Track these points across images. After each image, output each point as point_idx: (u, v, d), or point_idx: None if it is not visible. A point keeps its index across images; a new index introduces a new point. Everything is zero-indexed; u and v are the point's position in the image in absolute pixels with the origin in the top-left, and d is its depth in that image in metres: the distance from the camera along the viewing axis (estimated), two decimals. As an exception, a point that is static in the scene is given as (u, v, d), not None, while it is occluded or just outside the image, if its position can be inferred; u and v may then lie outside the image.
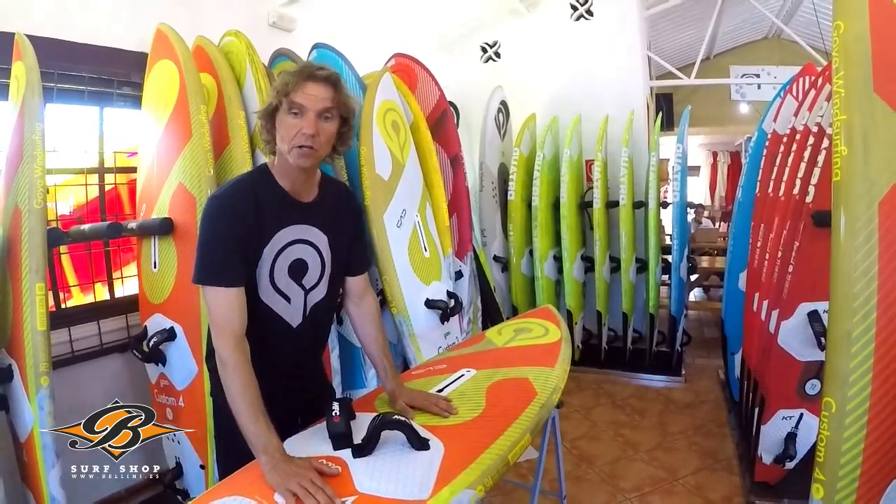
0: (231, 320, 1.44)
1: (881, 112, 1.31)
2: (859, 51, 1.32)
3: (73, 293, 3.26)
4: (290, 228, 1.58)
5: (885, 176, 1.29)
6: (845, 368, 1.23)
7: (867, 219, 1.25)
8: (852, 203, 1.27)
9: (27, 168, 2.01)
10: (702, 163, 14.15)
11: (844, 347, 1.23)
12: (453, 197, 3.80)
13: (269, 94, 1.53)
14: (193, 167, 2.41)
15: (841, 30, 1.34)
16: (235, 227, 1.47)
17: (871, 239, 1.25)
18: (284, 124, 1.48)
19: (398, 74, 3.67)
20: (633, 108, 5.07)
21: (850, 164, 1.28)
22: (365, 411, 1.62)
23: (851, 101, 1.30)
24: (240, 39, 2.74)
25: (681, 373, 4.70)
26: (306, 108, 1.46)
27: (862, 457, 1.22)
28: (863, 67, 1.31)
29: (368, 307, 1.83)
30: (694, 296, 7.37)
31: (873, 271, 1.24)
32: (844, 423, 1.22)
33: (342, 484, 1.28)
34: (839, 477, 1.22)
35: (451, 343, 3.14)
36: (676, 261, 4.70)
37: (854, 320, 1.23)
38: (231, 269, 1.46)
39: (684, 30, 7.63)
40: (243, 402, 1.38)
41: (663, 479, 3.13)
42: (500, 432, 1.53)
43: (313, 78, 1.47)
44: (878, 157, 1.29)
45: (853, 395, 1.22)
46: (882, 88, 1.32)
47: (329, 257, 1.67)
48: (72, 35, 2.75)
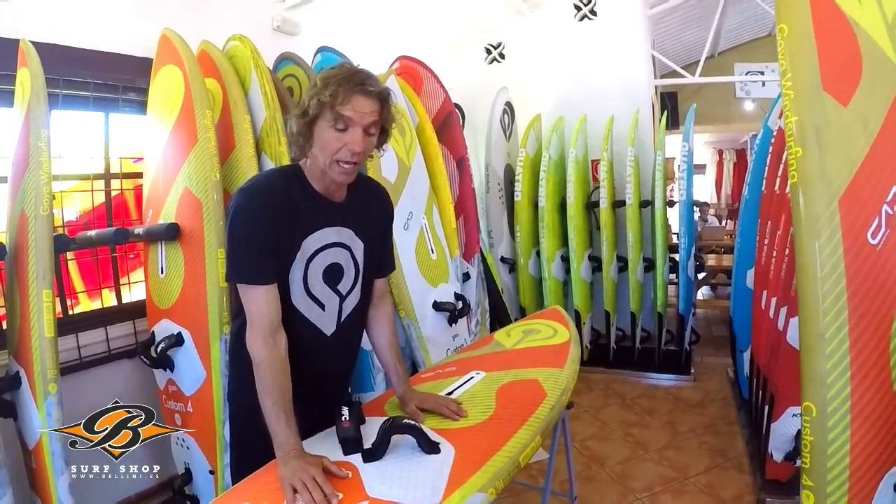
0: (264, 316, 1.43)
1: (833, 109, 1.30)
2: (805, 51, 1.32)
3: (81, 299, 3.26)
4: (323, 231, 1.53)
5: (842, 173, 1.28)
6: (822, 370, 1.21)
7: (828, 217, 1.24)
8: (812, 203, 1.25)
9: (33, 174, 2.02)
10: (708, 161, 14.12)
11: (819, 349, 1.21)
12: (460, 199, 3.80)
13: (307, 94, 1.41)
14: (199, 172, 2.41)
15: (785, 32, 1.33)
16: (270, 224, 1.43)
17: (835, 237, 1.24)
18: (327, 136, 1.40)
19: (403, 77, 3.67)
20: (638, 108, 5.06)
21: (806, 165, 1.27)
22: (375, 415, 1.62)
23: (801, 101, 1.29)
24: (244, 44, 2.74)
25: (690, 371, 4.68)
26: (354, 122, 1.39)
27: (849, 458, 1.20)
28: (810, 67, 1.31)
29: (385, 309, 1.79)
30: (702, 294, 7.33)
31: (840, 269, 1.23)
32: (827, 425, 1.20)
33: (353, 489, 1.28)
34: (828, 481, 1.20)
35: (460, 345, 3.14)
36: (684, 259, 4.67)
37: (825, 321, 1.21)
38: (265, 267, 1.43)
39: (688, 28, 7.61)
40: (269, 398, 1.39)
41: (674, 479, 3.12)
42: (510, 434, 1.52)
43: (364, 91, 1.38)
44: (833, 155, 1.28)
45: (833, 396, 1.20)
46: (831, 86, 1.31)
47: (363, 260, 1.63)
48: (77, 41, 2.76)
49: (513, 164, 5.12)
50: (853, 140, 1.32)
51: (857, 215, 1.28)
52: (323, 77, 1.40)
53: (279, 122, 2.61)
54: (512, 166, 5.14)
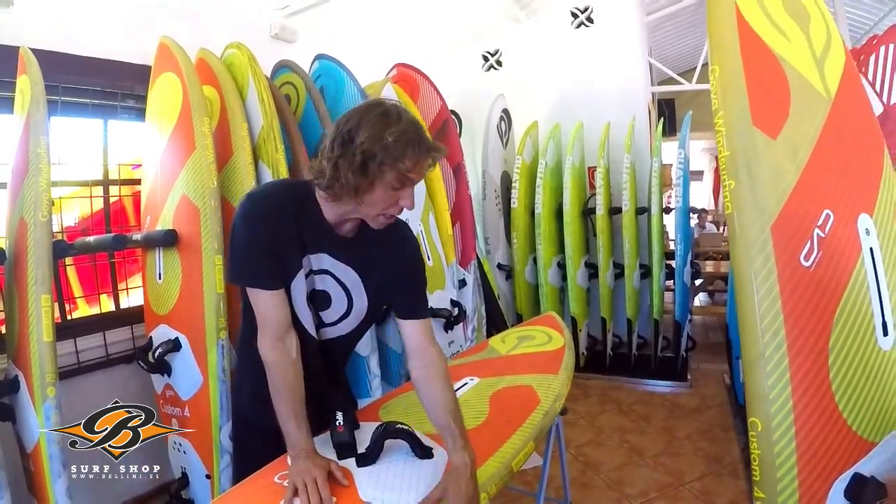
0: (272, 319, 1.44)
1: (762, 142, 1.36)
2: (735, 89, 1.37)
3: (79, 304, 3.27)
4: (318, 256, 1.51)
5: (772, 201, 1.33)
6: (763, 387, 1.25)
7: (762, 243, 1.29)
8: (746, 230, 1.30)
9: (32, 181, 2.03)
10: (705, 167, 14.16)
11: (760, 367, 1.26)
12: (456, 205, 3.81)
13: (367, 142, 1.29)
14: (197, 179, 2.42)
15: (717, 73, 1.39)
16: (279, 231, 1.42)
17: (769, 261, 1.28)
18: (383, 195, 1.35)
19: (400, 84, 3.69)
20: (635, 114, 5.08)
21: (738, 196, 1.32)
22: (369, 420, 1.63)
23: (733, 136, 1.35)
24: (242, 51, 2.76)
25: (686, 378, 4.69)
26: (415, 182, 1.38)
27: (797, 468, 1.24)
28: (740, 104, 1.36)
29: (433, 364, 1.53)
30: (698, 301, 7.35)
31: (775, 291, 1.27)
32: (773, 438, 1.24)
33: (346, 493, 1.29)
34: (778, 492, 1.23)
35: (456, 352, 3.15)
36: (680, 266, 4.69)
37: (764, 340, 1.26)
38: (275, 271, 1.43)
39: (685, 35, 7.65)
40: (280, 399, 1.41)
41: (669, 485, 3.12)
42: (503, 440, 1.53)
43: (431, 156, 1.37)
44: (764, 185, 1.33)
45: (776, 411, 1.24)
46: (760, 121, 1.36)
47: (360, 303, 1.59)
48: (76, 49, 2.78)
49: (509, 170, 5.15)
50: (783, 169, 1.38)
51: (790, 240, 1.33)
52: (395, 134, 1.30)
53: (276, 130, 2.63)
54: (509, 173, 5.17)
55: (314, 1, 3.86)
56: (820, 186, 1.45)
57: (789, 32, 1.58)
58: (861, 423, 1.35)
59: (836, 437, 1.31)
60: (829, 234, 1.41)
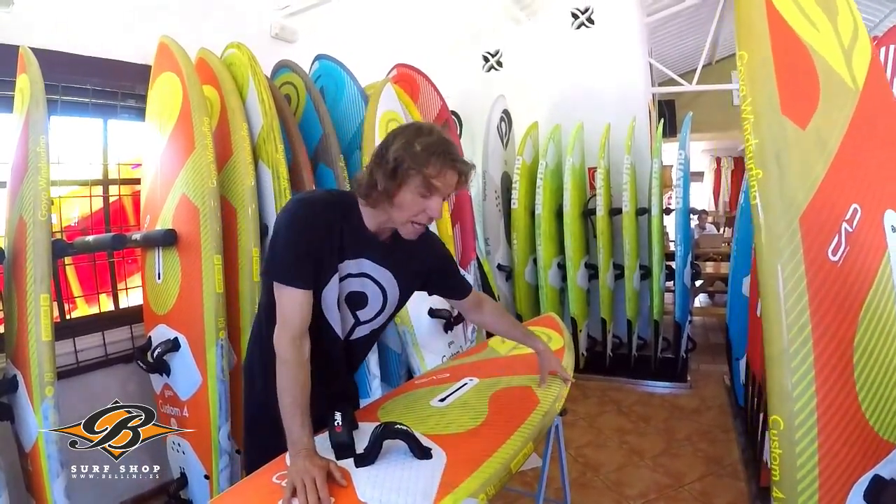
0: (296, 318, 1.48)
1: (791, 132, 1.34)
2: (764, 76, 1.35)
3: (78, 304, 3.27)
4: (358, 261, 1.60)
5: (801, 192, 1.31)
6: (787, 384, 1.22)
7: (790, 235, 1.26)
8: (773, 223, 1.27)
9: (32, 180, 2.03)
10: (705, 168, 14.16)
11: (784, 363, 1.23)
12: (456, 206, 3.81)
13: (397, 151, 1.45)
14: (197, 178, 2.42)
15: (745, 59, 1.37)
16: (323, 237, 1.51)
17: (797, 255, 1.26)
18: (410, 199, 1.47)
19: (400, 84, 3.69)
20: (635, 115, 5.08)
21: (766, 186, 1.30)
22: (368, 421, 1.63)
23: (761, 124, 1.32)
24: (242, 51, 2.76)
25: (686, 379, 4.68)
26: (440, 192, 1.48)
27: (818, 469, 1.21)
28: (769, 91, 1.34)
29: (489, 308, 1.99)
30: (699, 302, 7.34)
31: (802, 286, 1.24)
32: (795, 437, 1.21)
33: (345, 493, 1.29)
34: (798, 492, 1.21)
35: (455, 352, 3.14)
36: (680, 267, 4.69)
37: (789, 335, 1.23)
38: (308, 274, 1.50)
39: (685, 36, 7.65)
40: (287, 397, 1.43)
41: (669, 486, 3.12)
42: (502, 441, 1.53)
43: (455, 167, 1.48)
44: (793, 176, 1.31)
45: (799, 409, 1.21)
46: (789, 109, 1.34)
47: (393, 297, 1.71)
48: (76, 48, 2.78)
49: (510, 171, 5.15)
50: (812, 161, 1.36)
51: (818, 234, 1.31)
52: (423, 144, 1.45)
53: (276, 130, 2.63)
54: (509, 174, 5.17)
55: (314, 1, 3.85)
56: (848, 180, 1.42)
57: (818, 22, 1.55)
58: (882, 423, 1.34)
59: (857, 438, 1.29)
60: (857, 228, 1.39)
